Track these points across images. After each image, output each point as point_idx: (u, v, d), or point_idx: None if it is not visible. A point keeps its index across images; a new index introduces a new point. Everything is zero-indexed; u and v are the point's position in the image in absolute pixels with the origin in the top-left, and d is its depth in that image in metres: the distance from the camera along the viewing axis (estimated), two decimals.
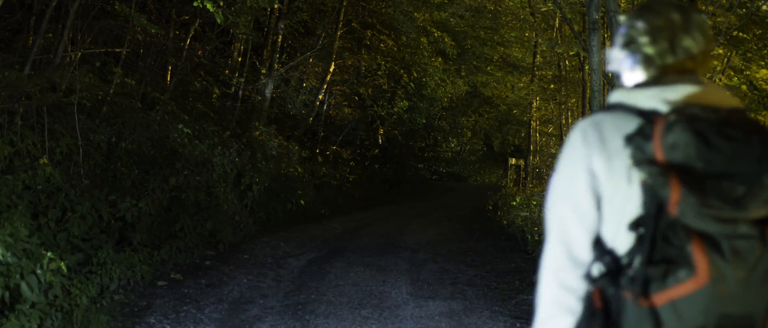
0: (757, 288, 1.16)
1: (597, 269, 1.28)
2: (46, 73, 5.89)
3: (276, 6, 11.30)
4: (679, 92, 1.30)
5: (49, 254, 4.09)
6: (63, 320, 4.19)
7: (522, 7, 15.74)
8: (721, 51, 10.84)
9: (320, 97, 14.18)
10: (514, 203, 11.09)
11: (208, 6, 6.59)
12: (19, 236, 4.03)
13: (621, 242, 1.26)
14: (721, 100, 1.30)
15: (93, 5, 6.84)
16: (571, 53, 13.68)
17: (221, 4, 7.10)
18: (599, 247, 1.30)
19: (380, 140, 17.26)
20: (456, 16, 17.10)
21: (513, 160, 20.06)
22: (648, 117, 1.27)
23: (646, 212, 1.21)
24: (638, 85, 1.38)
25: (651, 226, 1.20)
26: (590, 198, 1.31)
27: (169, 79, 8.95)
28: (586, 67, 9.78)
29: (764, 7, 8.16)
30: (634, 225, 1.23)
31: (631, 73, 1.44)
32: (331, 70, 13.86)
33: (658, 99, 1.31)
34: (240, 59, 11.65)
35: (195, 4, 6.64)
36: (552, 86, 16.59)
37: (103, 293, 4.96)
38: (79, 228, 5.15)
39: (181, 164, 6.91)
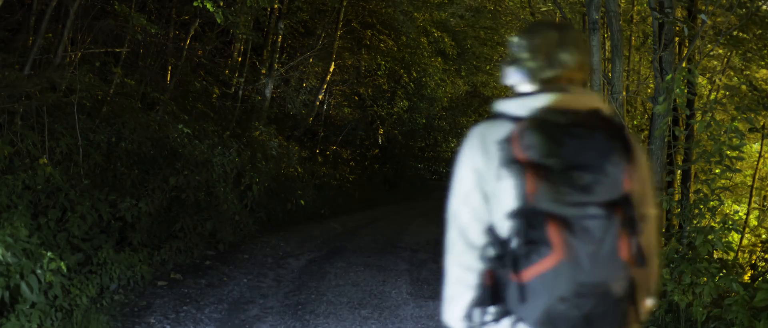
0: (606, 259, 1.38)
1: (490, 252, 1.52)
2: (46, 73, 5.89)
3: (276, 6, 11.30)
4: (541, 100, 1.54)
5: (49, 254, 4.09)
6: (63, 320, 4.19)
7: (522, 7, 15.72)
8: (721, 51, 10.82)
9: (320, 97, 14.17)
10: None
11: (208, 6, 6.58)
12: (19, 236, 4.04)
13: (504, 229, 1.48)
14: (580, 104, 1.53)
15: (93, 5, 6.84)
16: None
17: (221, 4, 7.09)
18: (492, 234, 1.52)
19: (380, 140, 17.24)
20: (456, 16, 17.09)
21: None
22: (516, 123, 1.50)
23: (518, 203, 1.43)
24: (516, 96, 1.62)
25: (523, 214, 1.42)
26: (477, 193, 1.55)
27: (169, 79, 8.95)
28: None
29: (764, 7, 8.14)
30: (510, 214, 1.45)
31: (522, 85, 1.66)
32: (331, 70, 13.86)
33: (524, 107, 1.54)
34: (240, 59, 11.65)
35: (195, 4, 6.64)
36: None
37: (103, 293, 4.96)
38: (79, 228, 5.14)
39: (181, 164, 6.91)
